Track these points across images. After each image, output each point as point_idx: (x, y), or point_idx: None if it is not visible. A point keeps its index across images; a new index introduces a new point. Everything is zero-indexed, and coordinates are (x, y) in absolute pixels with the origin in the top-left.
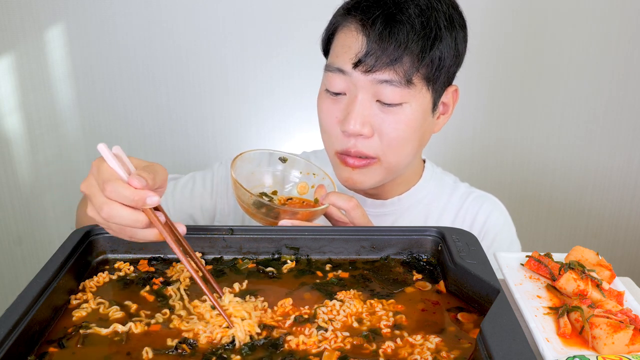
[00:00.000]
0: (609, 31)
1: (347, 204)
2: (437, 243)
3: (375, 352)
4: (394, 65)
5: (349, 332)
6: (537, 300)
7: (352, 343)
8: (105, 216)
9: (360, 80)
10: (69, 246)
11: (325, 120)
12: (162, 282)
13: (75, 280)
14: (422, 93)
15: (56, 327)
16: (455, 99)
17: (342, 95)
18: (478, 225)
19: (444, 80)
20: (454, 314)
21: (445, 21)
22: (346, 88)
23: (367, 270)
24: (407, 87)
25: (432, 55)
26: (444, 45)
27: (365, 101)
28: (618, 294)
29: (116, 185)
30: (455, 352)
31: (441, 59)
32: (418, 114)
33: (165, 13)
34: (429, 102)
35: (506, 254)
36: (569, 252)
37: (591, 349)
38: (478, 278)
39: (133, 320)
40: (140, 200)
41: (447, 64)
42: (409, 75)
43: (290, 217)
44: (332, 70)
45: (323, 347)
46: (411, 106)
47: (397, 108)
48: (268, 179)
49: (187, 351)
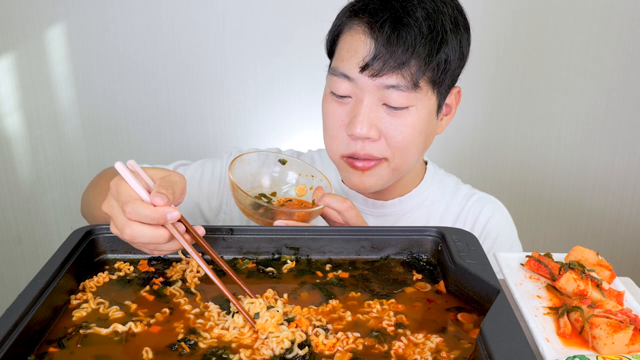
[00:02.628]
0: (609, 31)
1: (341, 205)
2: (437, 243)
3: (387, 352)
4: (401, 70)
5: (359, 332)
6: (537, 300)
7: (363, 344)
8: (128, 238)
9: (366, 85)
10: (69, 246)
11: (331, 123)
12: (162, 282)
13: (75, 280)
14: (427, 96)
15: (56, 327)
16: (458, 100)
17: (347, 97)
18: (479, 227)
19: (448, 83)
20: (454, 314)
21: (450, 24)
22: (352, 92)
23: (367, 271)
24: (413, 91)
25: (439, 59)
26: (449, 48)
27: (372, 105)
28: (618, 294)
29: (136, 206)
30: (456, 352)
31: (447, 61)
32: (423, 117)
33: (165, 13)
34: (434, 104)
35: (506, 254)
36: (569, 252)
37: (591, 349)
38: (478, 278)
39: (133, 320)
40: (160, 218)
41: (452, 66)
42: (416, 79)
43: (286, 218)
44: (337, 74)
45: (336, 349)
46: (417, 109)
47: (403, 111)
48: (267, 180)
49: (186, 351)
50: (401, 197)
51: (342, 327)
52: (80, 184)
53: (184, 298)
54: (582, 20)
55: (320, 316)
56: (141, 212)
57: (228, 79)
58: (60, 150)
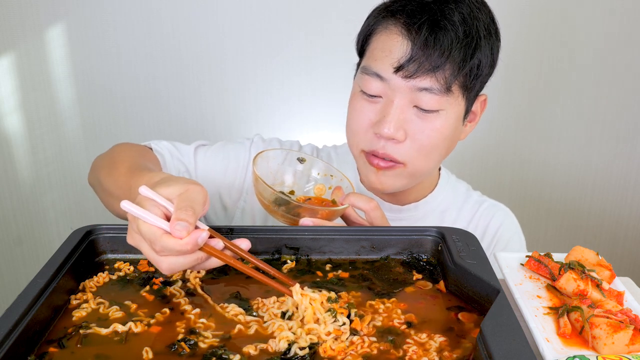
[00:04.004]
0: (609, 31)
1: (367, 205)
2: (437, 243)
3: (402, 358)
4: (436, 73)
5: (375, 337)
6: (537, 300)
7: (378, 348)
8: (167, 271)
9: (399, 86)
10: (69, 246)
11: (357, 121)
12: (162, 282)
13: (75, 280)
14: (457, 101)
15: (56, 327)
16: (483, 108)
17: (378, 97)
18: (490, 233)
19: (477, 89)
20: (455, 314)
21: (484, 30)
22: (383, 92)
23: (367, 270)
24: (445, 95)
25: (472, 64)
26: (482, 53)
27: (403, 106)
28: (618, 294)
29: (163, 242)
30: (457, 351)
31: (479, 67)
32: (452, 122)
33: (164, 13)
34: (462, 110)
35: (506, 254)
36: (569, 252)
37: (591, 349)
38: (478, 278)
39: (133, 320)
40: (192, 248)
41: (483, 72)
42: (449, 83)
43: (310, 215)
44: (370, 74)
45: (349, 352)
46: (447, 113)
47: (433, 115)
48: (287, 178)
49: (186, 351)
50: (417, 202)
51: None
52: (80, 183)
53: (184, 298)
54: (582, 21)
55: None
56: (172, 248)
57: (228, 79)
58: (60, 150)
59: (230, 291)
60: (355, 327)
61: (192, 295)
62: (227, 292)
